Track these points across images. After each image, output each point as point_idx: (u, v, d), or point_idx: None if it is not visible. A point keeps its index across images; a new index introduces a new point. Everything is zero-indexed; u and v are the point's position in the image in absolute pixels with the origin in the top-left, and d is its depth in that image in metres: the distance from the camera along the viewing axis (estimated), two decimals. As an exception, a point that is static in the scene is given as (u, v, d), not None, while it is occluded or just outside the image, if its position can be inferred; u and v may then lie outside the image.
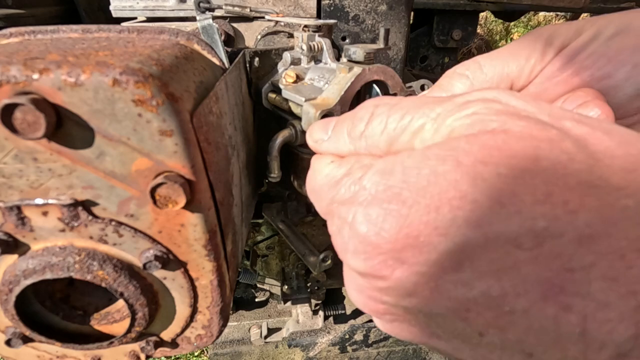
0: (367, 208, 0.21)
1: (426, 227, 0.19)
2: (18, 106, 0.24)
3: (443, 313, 0.20)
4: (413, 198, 0.20)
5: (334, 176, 0.26)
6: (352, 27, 0.78)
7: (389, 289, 0.21)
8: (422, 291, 0.20)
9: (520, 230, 0.17)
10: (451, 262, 0.19)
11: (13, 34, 0.35)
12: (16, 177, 0.29)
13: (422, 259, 0.19)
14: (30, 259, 0.32)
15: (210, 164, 0.32)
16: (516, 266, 0.18)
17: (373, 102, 0.26)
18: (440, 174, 0.19)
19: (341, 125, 0.28)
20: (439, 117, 0.22)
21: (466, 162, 0.19)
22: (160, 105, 0.27)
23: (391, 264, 0.20)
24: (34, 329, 0.35)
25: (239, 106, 0.47)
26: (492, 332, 0.19)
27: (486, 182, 0.18)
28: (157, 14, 0.72)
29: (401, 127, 0.24)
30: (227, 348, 1.30)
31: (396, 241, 0.20)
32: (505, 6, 1.32)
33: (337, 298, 1.43)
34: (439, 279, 0.19)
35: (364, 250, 0.21)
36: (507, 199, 0.18)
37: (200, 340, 0.41)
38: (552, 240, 0.17)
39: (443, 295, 0.19)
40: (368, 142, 0.26)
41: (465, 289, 0.19)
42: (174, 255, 0.34)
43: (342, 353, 1.32)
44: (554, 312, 0.17)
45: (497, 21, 3.92)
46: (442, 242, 0.19)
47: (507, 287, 0.18)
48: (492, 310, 0.19)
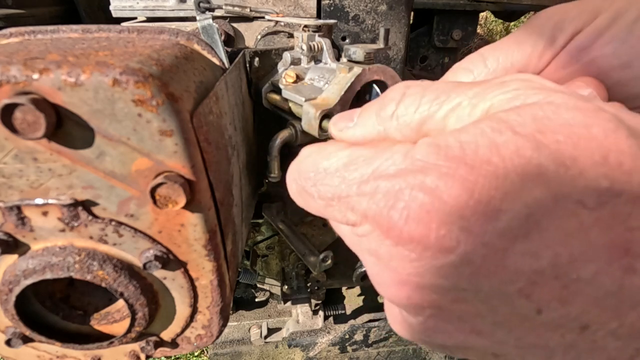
0: (429, 175, 0.19)
1: (496, 192, 0.18)
2: (18, 106, 0.24)
3: (506, 290, 0.19)
4: (479, 164, 0.19)
5: (360, 155, 0.23)
6: (352, 27, 0.78)
7: (450, 266, 0.19)
8: (489, 265, 0.19)
9: (586, 190, 0.17)
10: (520, 230, 0.18)
11: (13, 34, 0.35)
12: (16, 177, 0.29)
13: (490, 228, 0.18)
14: (30, 259, 0.32)
15: (210, 164, 0.32)
16: (582, 229, 0.18)
17: (404, 84, 0.25)
18: (501, 143, 0.19)
19: (369, 110, 0.26)
20: (477, 96, 0.22)
21: (523, 132, 0.19)
22: (160, 105, 0.27)
23: (457, 234, 0.19)
24: (34, 329, 0.35)
25: (239, 106, 0.47)
26: (554, 306, 0.19)
27: (547, 147, 0.18)
28: (157, 14, 0.72)
29: (437, 104, 0.23)
30: (227, 348, 1.30)
31: (465, 207, 0.18)
32: (505, 6, 1.32)
33: (337, 298, 1.43)
34: (507, 250, 0.18)
35: (427, 219, 0.19)
36: (570, 161, 0.18)
37: (200, 340, 0.41)
38: (612, 199, 0.17)
39: (509, 268, 0.18)
40: (400, 121, 0.24)
41: (533, 259, 0.18)
42: (174, 255, 0.34)
43: (342, 353, 1.32)
44: (620, 275, 0.17)
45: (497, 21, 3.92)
46: (511, 208, 0.18)
47: (575, 253, 0.18)
48: (559, 280, 0.18)
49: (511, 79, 0.22)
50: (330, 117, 0.45)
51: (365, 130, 0.26)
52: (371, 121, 0.26)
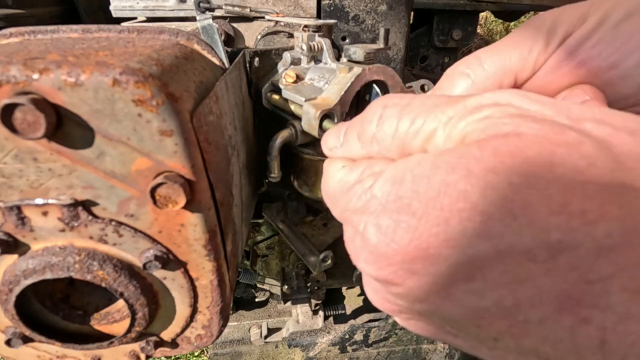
0: (378, 218, 0.21)
1: (436, 239, 0.19)
2: (18, 106, 0.24)
3: (456, 319, 0.20)
4: (423, 209, 0.19)
5: (346, 182, 0.26)
6: (352, 27, 0.78)
7: (402, 295, 0.21)
8: (434, 299, 0.20)
9: (533, 243, 0.17)
10: (462, 274, 0.19)
11: (13, 34, 0.35)
12: (16, 177, 0.29)
13: (432, 270, 0.19)
14: (30, 259, 0.32)
15: (210, 164, 0.32)
16: (530, 278, 0.17)
17: (381, 101, 0.26)
18: (450, 183, 0.19)
19: (352, 130, 0.28)
20: (451, 122, 0.22)
21: (476, 171, 0.18)
22: (160, 105, 0.27)
23: (402, 274, 0.20)
24: (34, 329, 0.35)
25: (239, 106, 0.47)
26: (507, 338, 0.19)
27: (497, 192, 0.17)
28: (157, 14, 0.72)
29: (413, 131, 0.23)
30: (227, 348, 1.30)
31: (406, 253, 0.20)
32: (505, 6, 1.32)
33: (337, 298, 1.43)
34: (450, 288, 0.19)
35: (375, 260, 0.21)
36: (519, 210, 0.17)
37: (200, 340, 0.41)
38: (567, 252, 0.16)
39: (455, 303, 0.19)
40: (380, 146, 0.25)
41: (477, 298, 0.19)
42: (174, 255, 0.34)
43: (342, 353, 1.32)
44: (571, 324, 0.17)
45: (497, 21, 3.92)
46: (452, 254, 0.18)
47: (521, 298, 0.18)
48: (506, 320, 0.18)
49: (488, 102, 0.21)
50: (330, 117, 0.45)
51: (351, 151, 0.28)
52: (355, 145, 0.27)
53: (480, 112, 0.21)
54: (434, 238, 0.19)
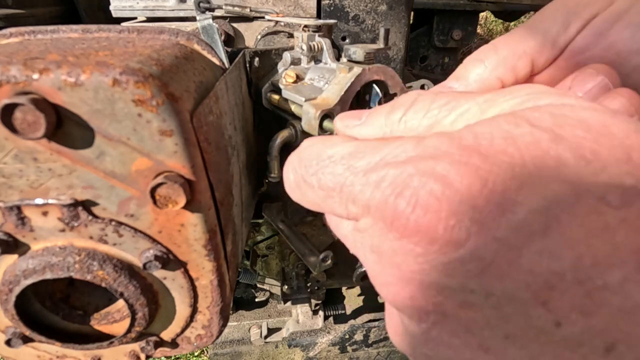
0: (441, 161, 0.18)
1: (512, 182, 0.17)
2: (18, 106, 0.24)
3: (520, 295, 0.17)
4: (492, 154, 0.17)
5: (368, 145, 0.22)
6: (352, 27, 0.78)
7: (459, 262, 0.18)
8: (501, 264, 0.17)
9: (609, 187, 0.16)
10: (538, 225, 0.16)
11: (13, 34, 0.35)
12: (16, 177, 0.29)
13: (504, 220, 0.17)
14: (30, 259, 0.32)
15: (210, 164, 0.32)
16: (607, 229, 0.16)
17: (416, 92, 0.25)
18: (518, 134, 0.18)
19: (378, 112, 0.26)
20: (487, 102, 0.21)
21: (541, 125, 0.18)
22: (160, 105, 0.27)
23: (468, 226, 0.17)
24: (34, 329, 0.35)
25: (239, 106, 0.47)
26: (574, 318, 0.17)
27: (567, 141, 0.17)
28: (157, 14, 0.72)
29: (446, 110, 0.22)
30: (227, 348, 1.30)
31: (478, 197, 0.17)
32: (505, 6, 1.32)
33: (337, 298, 1.43)
34: (522, 247, 0.17)
35: (436, 208, 0.18)
36: (591, 155, 0.17)
37: (200, 340, 0.41)
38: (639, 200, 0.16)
39: (524, 268, 0.17)
40: (407, 125, 0.23)
41: (552, 259, 0.16)
42: (174, 255, 0.34)
43: (342, 353, 1.32)
44: None
45: (497, 21, 3.92)
46: (529, 200, 0.17)
47: (600, 256, 0.16)
48: (582, 286, 0.16)
49: (521, 87, 0.21)
50: (330, 117, 0.45)
51: (372, 130, 0.25)
52: (379, 122, 0.25)
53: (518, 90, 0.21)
54: (510, 182, 0.17)
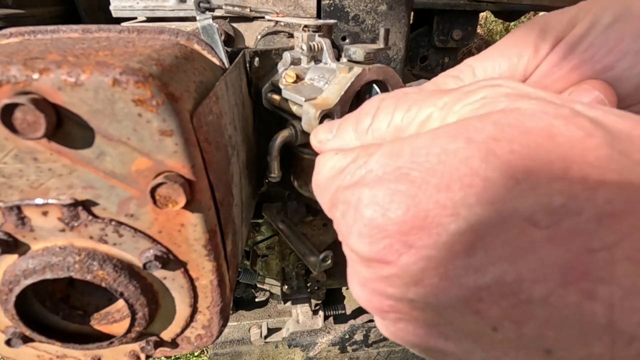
0: (374, 189, 0.20)
1: (435, 206, 0.18)
2: (18, 106, 0.24)
3: (453, 305, 0.19)
4: (422, 177, 0.19)
5: (340, 166, 0.25)
6: (352, 27, 0.78)
7: (395, 277, 0.20)
8: (431, 279, 0.18)
9: (536, 207, 0.16)
10: (462, 245, 0.17)
11: (13, 34, 0.35)
12: (16, 177, 0.29)
13: (430, 242, 0.18)
14: (30, 259, 0.32)
15: (210, 164, 0.32)
16: (533, 247, 0.16)
17: (379, 96, 0.26)
18: (451, 151, 0.18)
19: (346, 123, 0.27)
20: (446, 106, 0.22)
21: (478, 139, 0.18)
22: (160, 105, 0.27)
23: (398, 247, 0.19)
24: (34, 329, 0.35)
25: (239, 106, 0.47)
26: (508, 325, 0.18)
27: (499, 158, 0.17)
28: (157, 14, 0.72)
29: (408, 118, 0.23)
30: (227, 348, 1.30)
31: (403, 223, 0.19)
32: (505, 6, 1.32)
33: (337, 298, 1.43)
34: (449, 264, 0.18)
35: (369, 233, 0.20)
36: (522, 175, 0.17)
37: (200, 340, 0.41)
38: (570, 218, 0.16)
39: (453, 283, 0.18)
40: (374, 136, 0.25)
41: (477, 275, 0.17)
42: (174, 255, 0.34)
43: (342, 353, 1.32)
44: (576, 299, 0.16)
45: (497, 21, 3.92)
46: (452, 222, 0.17)
47: (524, 272, 0.16)
48: (507, 299, 0.17)
49: (479, 86, 0.21)
50: (330, 117, 0.45)
51: (343, 143, 0.27)
52: (349, 135, 0.27)
53: (475, 94, 0.21)
54: (434, 205, 0.18)
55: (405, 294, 0.20)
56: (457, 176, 0.18)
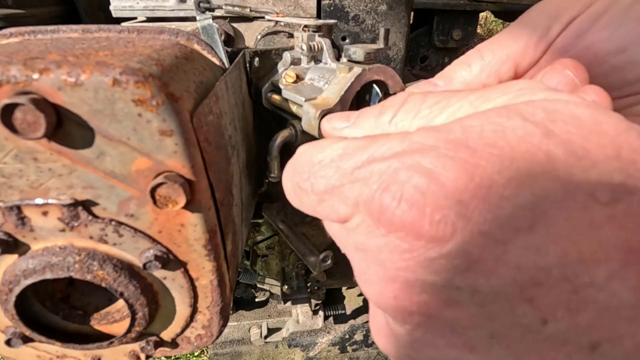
0: (427, 156, 0.18)
1: (500, 176, 0.17)
2: (18, 106, 0.24)
3: (507, 292, 0.17)
4: (481, 149, 0.17)
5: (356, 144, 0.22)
6: (352, 27, 0.78)
7: (445, 257, 0.17)
8: (487, 259, 0.17)
9: (598, 183, 0.16)
10: (525, 220, 0.16)
11: (13, 34, 0.35)
12: (16, 177, 0.29)
13: (491, 216, 0.17)
14: (30, 259, 0.32)
15: (210, 164, 0.32)
16: (594, 226, 0.16)
17: (407, 92, 0.25)
18: (509, 128, 0.18)
19: (368, 113, 0.26)
20: (479, 99, 0.21)
21: (533, 119, 0.18)
22: (160, 105, 0.27)
23: (454, 220, 0.17)
24: (34, 329, 0.35)
25: (239, 106, 0.47)
26: (561, 315, 0.16)
27: (558, 136, 0.17)
28: (157, 14, 0.72)
29: (437, 109, 0.22)
30: (227, 348, 1.30)
31: (464, 192, 0.17)
32: (505, 6, 1.32)
33: (337, 298, 1.43)
34: (508, 243, 0.16)
35: (422, 203, 0.17)
36: (582, 152, 0.17)
37: (200, 340, 0.41)
38: (627, 196, 0.16)
39: (511, 264, 0.17)
40: (398, 127, 0.23)
41: (538, 255, 0.16)
42: (174, 255, 0.34)
43: (342, 353, 1.32)
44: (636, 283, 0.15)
45: (497, 21, 3.92)
46: (517, 194, 0.16)
47: (586, 252, 0.16)
48: (568, 282, 0.16)
49: (515, 83, 0.21)
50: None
51: (361, 132, 0.25)
52: (369, 124, 0.25)
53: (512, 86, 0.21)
54: (498, 176, 0.17)
55: (451, 280, 0.18)
56: (519, 151, 0.17)
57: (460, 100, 0.22)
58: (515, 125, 0.18)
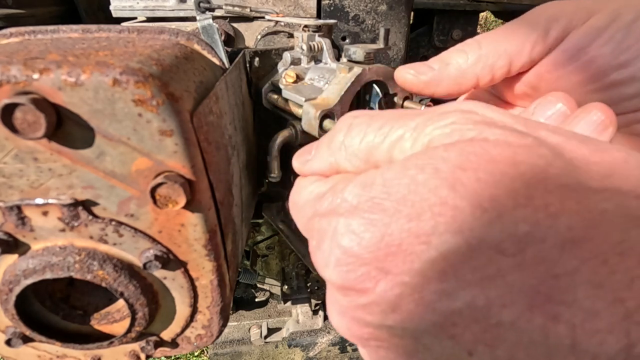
0: (349, 218, 0.21)
1: (408, 234, 0.19)
2: (18, 106, 0.24)
3: (430, 330, 0.19)
4: (394, 207, 0.19)
5: (318, 192, 0.26)
6: (352, 27, 0.78)
7: (373, 304, 0.20)
8: (407, 304, 0.19)
9: (503, 236, 0.17)
10: (435, 272, 0.18)
11: (13, 34, 0.35)
12: (16, 177, 0.29)
13: (405, 268, 0.19)
14: (30, 259, 0.32)
15: (210, 164, 0.32)
16: (500, 274, 0.17)
17: (351, 114, 0.27)
18: (420, 182, 0.19)
19: (322, 141, 0.28)
20: (418, 127, 0.22)
21: (444, 169, 0.19)
22: (160, 105, 0.27)
23: (374, 274, 0.20)
24: (34, 329, 0.35)
25: (239, 106, 0.47)
26: (482, 349, 0.18)
27: (465, 187, 0.18)
28: (157, 14, 0.72)
29: (380, 135, 0.24)
30: (227, 348, 1.30)
31: (378, 250, 0.19)
32: (505, 6, 1.32)
33: (337, 298, 1.43)
34: (423, 290, 0.18)
35: (346, 262, 0.20)
36: (488, 203, 0.17)
37: (200, 340, 0.41)
38: (535, 245, 0.17)
39: (428, 307, 0.19)
40: (347, 152, 0.25)
41: (450, 300, 0.18)
42: (174, 255, 0.34)
43: (342, 353, 1.33)
44: (542, 322, 0.16)
45: (497, 21, 3.92)
46: (424, 250, 0.18)
47: (493, 297, 0.17)
48: (479, 323, 0.18)
49: (452, 109, 0.22)
50: (330, 117, 0.45)
51: (320, 162, 0.28)
52: (324, 153, 0.27)
53: (446, 118, 0.22)
54: (407, 234, 0.19)
55: (383, 321, 0.20)
56: (427, 205, 0.18)
57: (401, 128, 0.23)
58: (426, 178, 0.19)
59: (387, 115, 0.24)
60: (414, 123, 0.22)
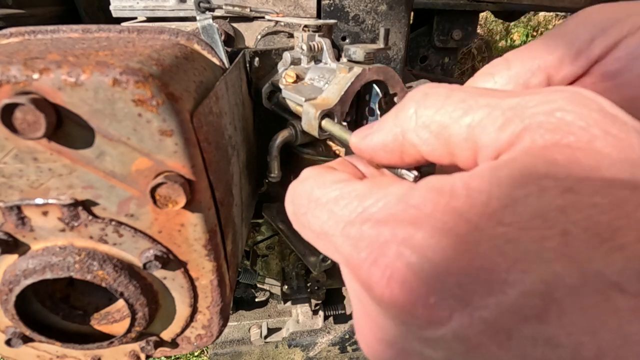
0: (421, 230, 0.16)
1: (504, 259, 0.15)
2: (18, 106, 0.24)
3: None
4: (484, 224, 0.15)
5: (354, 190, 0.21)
6: (352, 27, 0.78)
7: (443, 338, 0.16)
8: (489, 346, 0.15)
9: (625, 271, 0.14)
10: (533, 308, 0.14)
11: (13, 34, 0.35)
12: (16, 177, 0.29)
13: (493, 301, 0.15)
14: (30, 259, 0.32)
15: (210, 163, 0.32)
16: (617, 318, 0.14)
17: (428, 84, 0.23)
18: (519, 199, 0.15)
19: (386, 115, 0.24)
20: (513, 109, 0.18)
21: (551, 185, 0.15)
22: (160, 105, 0.27)
23: (452, 304, 0.15)
24: (34, 329, 0.35)
25: (239, 106, 0.47)
26: None
27: (580, 212, 0.15)
28: (157, 14, 0.72)
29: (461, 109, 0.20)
30: (227, 348, 1.30)
31: (462, 274, 0.15)
32: (505, 6, 1.32)
33: (337, 298, 1.43)
34: (513, 331, 0.15)
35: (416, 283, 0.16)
36: (607, 232, 0.14)
37: (200, 340, 0.41)
38: None
39: (516, 352, 0.15)
40: (418, 122, 0.21)
41: (547, 347, 0.14)
42: (174, 255, 0.34)
43: (342, 353, 1.33)
44: None
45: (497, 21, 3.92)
46: (524, 279, 0.14)
47: (605, 347, 0.14)
48: None
49: (559, 89, 0.18)
50: (330, 117, 0.45)
51: (382, 134, 0.24)
52: (389, 124, 0.23)
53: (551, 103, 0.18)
54: (502, 258, 0.15)
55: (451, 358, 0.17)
56: (530, 227, 0.15)
57: (490, 105, 0.19)
58: (528, 194, 0.15)
59: (471, 89, 0.20)
60: (507, 104, 0.19)
